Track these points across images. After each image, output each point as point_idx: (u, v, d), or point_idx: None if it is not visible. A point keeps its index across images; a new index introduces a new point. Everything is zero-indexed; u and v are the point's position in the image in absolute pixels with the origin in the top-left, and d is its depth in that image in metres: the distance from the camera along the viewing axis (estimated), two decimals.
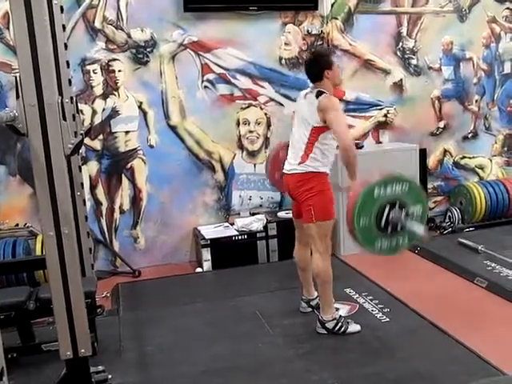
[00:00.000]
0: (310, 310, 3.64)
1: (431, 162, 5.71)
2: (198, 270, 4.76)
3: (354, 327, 3.37)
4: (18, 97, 2.17)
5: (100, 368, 2.61)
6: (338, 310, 3.49)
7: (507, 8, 5.75)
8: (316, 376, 2.90)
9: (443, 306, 3.74)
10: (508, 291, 3.88)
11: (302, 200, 3.26)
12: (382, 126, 5.49)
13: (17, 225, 4.49)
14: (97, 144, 4.71)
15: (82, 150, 4.46)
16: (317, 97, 3.18)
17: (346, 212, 2.97)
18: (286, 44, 5.06)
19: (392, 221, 2.86)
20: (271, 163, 3.86)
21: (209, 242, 4.68)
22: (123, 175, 4.82)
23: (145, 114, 4.79)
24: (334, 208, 3.29)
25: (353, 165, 3.08)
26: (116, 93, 4.69)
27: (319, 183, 3.22)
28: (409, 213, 2.90)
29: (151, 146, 4.84)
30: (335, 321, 3.33)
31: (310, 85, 3.39)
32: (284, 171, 3.40)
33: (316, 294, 3.63)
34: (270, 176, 3.90)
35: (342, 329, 3.32)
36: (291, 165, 3.32)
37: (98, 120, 4.67)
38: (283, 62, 5.07)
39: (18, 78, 2.17)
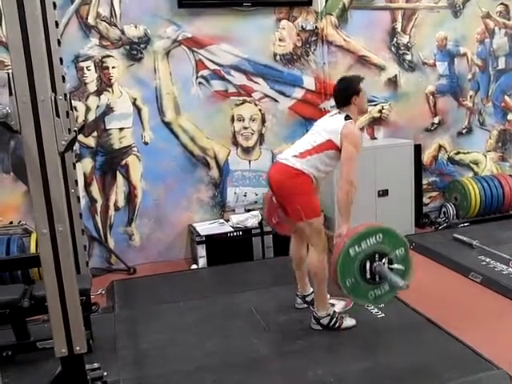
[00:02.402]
0: (305, 305, 3.65)
1: (426, 157, 5.72)
2: (194, 266, 4.76)
3: (348, 322, 3.37)
4: (10, 94, 2.15)
5: (95, 365, 2.60)
6: (333, 305, 3.49)
7: (501, 3, 5.77)
8: (311, 372, 2.90)
9: (438, 301, 3.76)
10: (502, 286, 3.90)
11: (284, 195, 3.26)
12: (376, 121, 5.50)
13: (11, 222, 4.48)
14: (91, 141, 4.69)
15: (76, 147, 4.45)
16: (345, 119, 3.22)
17: (333, 251, 3.05)
18: (280, 40, 5.05)
19: (376, 271, 2.94)
20: (268, 210, 3.86)
21: (204, 238, 4.68)
22: (118, 172, 4.81)
23: (139, 110, 4.78)
24: (320, 208, 3.29)
25: (346, 204, 3.13)
26: (110, 89, 4.68)
27: (304, 182, 3.21)
28: (392, 261, 2.98)
29: (146, 143, 4.83)
30: (329, 317, 3.33)
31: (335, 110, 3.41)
32: (277, 158, 3.41)
33: (311, 289, 3.63)
34: (269, 221, 3.93)
35: (337, 324, 3.33)
36: (287, 155, 3.31)
37: (91, 117, 4.66)
38: (278, 58, 5.06)
39: (10, 75, 2.15)
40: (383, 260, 2.96)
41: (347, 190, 3.12)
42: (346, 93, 3.29)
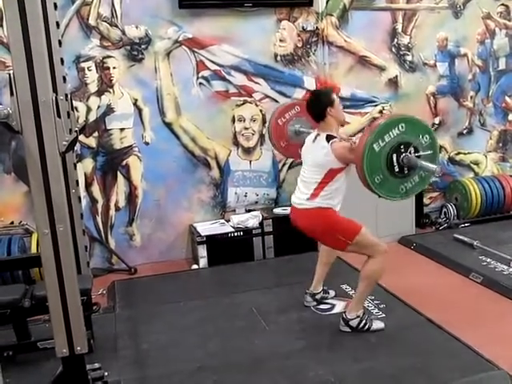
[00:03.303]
0: (314, 303, 3.65)
1: None
2: (194, 266, 4.77)
3: (378, 324, 3.35)
4: (12, 94, 2.15)
5: (96, 365, 2.60)
6: (334, 306, 3.49)
7: (502, 4, 5.77)
8: (312, 372, 2.90)
9: (439, 302, 3.76)
10: (503, 286, 3.90)
11: (320, 234, 3.28)
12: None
13: (12, 223, 4.49)
14: (92, 141, 4.70)
15: (77, 147, 4.46)
16: (327, 141, 3.15)
17: (359, 142, 2.87)
18: (281, 40, 5.06)
19: (404, 163, 2.81)
20: (274, 133, 3.87)
21: (205, 238, 4.69)
22: (118, 172, 4.82)
23: (140, 111, 4.78)
24: (353, 223, 3.21)
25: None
26: (111, 90, 4.68)
27: (332, 215, 3.19)
28: (417, 149, 2.84)
29: (146, 143, 4.83)
30: (359, 318, 3.29)
31: (315, 131, 3.35)
32: (292, 203, 3.38)
33: (321, 288, 3.64)
34: (277, 146, 3.92)
35: (367, 326, 3.29)
36: (300, 199, 3.29)
37: (92, 117, 4.66)
38: (278, 58, 5.07)
39: (11, 76, 2.16)
40: (409, 149, 2.81)
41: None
42: (320, 106, 3.24)
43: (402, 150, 2.82)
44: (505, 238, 4.89)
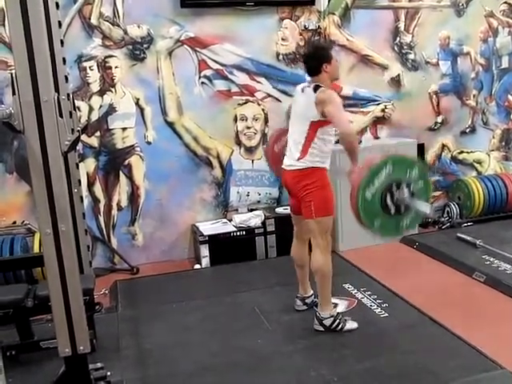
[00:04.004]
0: (304, 307, 3.63)
1: (429, 156, 5.71)
2: (197, 266, 4.76)
3: (351, 324, 3.36)
4: (14, 94, 2.15)
5: (99, 365, 2.61)
6: (336, 305, 3.49)
7: (505, 2, 5.75)
8: (315, 372, 2.90)
9: (442, 301, 3.75)
10: (506, 285, 3.89)
11: (302, 196, 3.25)
12: (379, 121, 5.49)
13: (14, 222, 4.49)
14: (94, 141, 4.69)
15: (79, 147, 4.46)
16: (314, 91, 3.15)
17: (350, 191, 2.90)
18: (283, 39, 5.05)
19: (397, 201, 2.80)
20: (272, 159, 3.84)
21: (207, 238, 4.68)
22: (121, 172, 4.81)
23: (142, 110, 4.78)
24: (333, 204, 3.27)
25: (354, 149, 3.08)
26: (113, 89, 4.68)
27: (319, 179, 3.21)
28: (414, 192, 2.84)
29: (148, 143, 4.83)
30: (333, 318, 3.32)
31: (308, 79, 3.37)
32: (283, 166, 3.38)
33: (311, 291, 3.63)
34: (275, 170, 3.89)
35: (340, 326, 3.31)
36: (290, 160, 3.30)
37: (94, 117, 4.66)
38: (280, 57, 5.06)
39: (13, 75, 2.16)
40: (401, 187, 2.81)
41: (350, 140, 3.07)
42: (317, 61, 3.21)
43: (394, 189, 2.82)
44: (508, 237, 4.88)
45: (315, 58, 3.24)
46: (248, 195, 5.20)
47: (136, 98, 4.74)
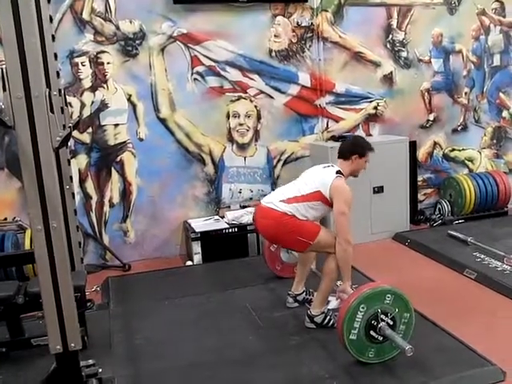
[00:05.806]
0: (296, 304, 3.65)
1: (421, 154, 5.73)
2: (189, 263, 4.76)
3: None
4: (4, 89, 2.14)
5: (90, 362, 2.60)
6: (328, 302, 3.49)
7: (497, 0, 5.78)
8: (306, 368, 2.91)
9: (433, 298, 3.77)
10: (497, 282, 3.91)
11: (280, 237, 3.29)
12: (372, 118, 5.51)
13: (5, 219, 4.46)
14: (86, 137, 4.67)
15: (71, 143, 4.44)
16: (336, 173, 3.23)
17: (337, 324, 2.95)
18: (275, 36, 5.05)
19: (379, 331, 2.86)
20: (269, 259, 4.09)
21: (199, 235, 4.68)
22: (113, 168, 4.80)
23: (134, 106, 4.76)
24: (311, 222, 3.26)
25: (347, 260, 3.16)
26: (105, 85, 4.66)
27: (290, 220, 3.20)
28: (396, 323, 2.89)
29: (141, 139, 4.82)
30: (324, 314, 3.34)
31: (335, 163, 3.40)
32: (261, 202, 3.42)
33: (303, 289, 3.65)
34: (272, 269, 4.12)
35: (331, 322, 3.33)
36: (271, 199, 3.32)
37: (86, 113, 4.64)
38: (273, 54, 5.06)
39: (4, 71, 2.14)
40: (387, 317, 2.86)
41: (344, 248, 3.14)
42: (352, 148, 3.36)
43: (374, 324, 2.84)
44: (498, 235, 4.91)
45: (354, 145, 3.41)
46: (240, 192, 5.20)
47: (128, 94, 4.73)
